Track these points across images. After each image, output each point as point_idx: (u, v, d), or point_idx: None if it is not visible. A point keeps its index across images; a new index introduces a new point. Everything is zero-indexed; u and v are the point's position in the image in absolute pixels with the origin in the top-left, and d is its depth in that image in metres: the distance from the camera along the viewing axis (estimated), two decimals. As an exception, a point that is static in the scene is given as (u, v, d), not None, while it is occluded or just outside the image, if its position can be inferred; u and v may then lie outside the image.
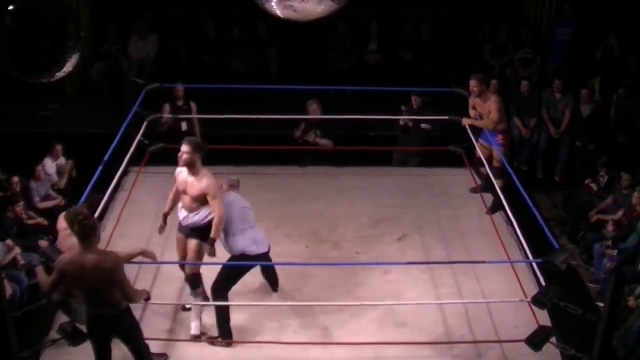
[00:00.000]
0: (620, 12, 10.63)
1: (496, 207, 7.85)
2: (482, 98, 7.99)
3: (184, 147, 5.94)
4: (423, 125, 8.97)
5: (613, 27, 10.66)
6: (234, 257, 6.09)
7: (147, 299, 5.42)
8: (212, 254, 6.01)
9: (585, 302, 6.93)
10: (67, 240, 5.48)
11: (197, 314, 6.16)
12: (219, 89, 9.46)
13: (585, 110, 9.52)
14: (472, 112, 8.20)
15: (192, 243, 6.05)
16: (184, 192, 6.06)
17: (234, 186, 6.32)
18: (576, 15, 10.79)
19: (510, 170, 7.36)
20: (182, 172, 6.09)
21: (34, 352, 5.71)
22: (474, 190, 8.37)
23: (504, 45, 11.01)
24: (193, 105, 9.09)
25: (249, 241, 6.05)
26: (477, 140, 8.20)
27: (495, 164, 8.03)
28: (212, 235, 5.91)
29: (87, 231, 4.96)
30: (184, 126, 9.09)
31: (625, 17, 10.64)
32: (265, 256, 6.18)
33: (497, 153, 7.93)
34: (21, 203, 7.76)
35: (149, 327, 6.01)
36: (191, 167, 5.96)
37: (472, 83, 7.98)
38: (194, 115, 9.08)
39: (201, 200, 5.96)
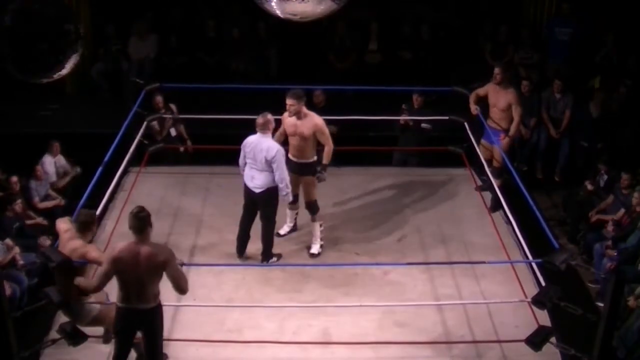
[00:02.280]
0: (620, 12, 10.63)
1: (496, 205, 7.85)
2: (502, 86, 7.93)
3: (290, 101, 6.88)
4: (423, 125, 8.96)
5: (613, 27, 10.66)
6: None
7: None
8: (324, 179, 7.13)
9: (585, 302, 6.94)
10: (70, 242, 5.49)
11: (317, 235, 7.27)
12: (219, 89, 9.46)
13: (596, 111, 9.51)
14: (473, 107, 8.13)
15: (308, 178, 7.14)
16: (294, 134, 7.03)
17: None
18: (575, 15, 10.79)
19: (512, 169, 7.35)
20: (288, 117, 7.04)
21: (34, 352, 5.71)
22: (478, 189, 8.37)
23: (504, 45, 11.01)
24: (174, 107, 9.08)
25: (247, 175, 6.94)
26: (479, 142, 8.16)
27: (495, 164, 8.01)
28: (324, 161, 7.06)
29: (143, 223, 5.12)
30: (173, 132, 9.12)
31: (625, 17, 10.63)
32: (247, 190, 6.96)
33: (498, 151, 7.88)
34: (19, 201, 7.75)
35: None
36: (298, 114, 6.92)
37: (497, 70, 7.95)
38: (181, 116, 9.12)
39: (312, 139, 7.01)
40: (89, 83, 11.17)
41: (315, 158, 7.15)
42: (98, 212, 6.60)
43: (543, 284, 5.86)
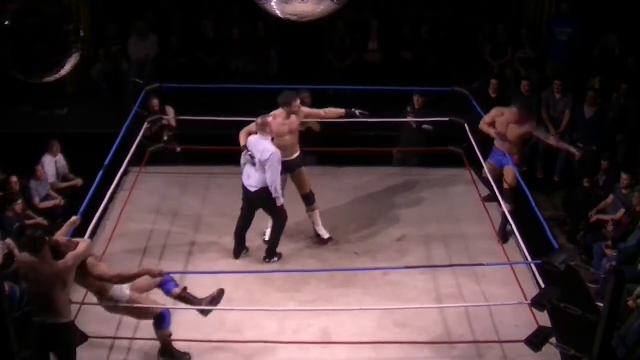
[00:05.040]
0: (619, 12, 10.63)
1: (505, 234, 7.49)
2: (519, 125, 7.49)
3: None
4: (425, 127, 8.95)
5: (613, 27, 10.66)
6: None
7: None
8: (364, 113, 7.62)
9: (585, 302, 6.94)
10: (97, 268, 5.57)
11: (319, 221, 7.52)
12: (219, 89, 9.46)
13: (589, 112, 9.50)
14: (492, 131, 7.65)
15: (296, 172, 7.30)
16: (284, 133, 7.11)
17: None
18: (575, 15, 10.79)
19: (521, 181, 7.19)
20: (277, 118, 7.09)
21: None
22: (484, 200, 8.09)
23: (504, 45, 11.01)
24: (169, 110, 9.06)
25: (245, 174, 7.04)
26: (485, 160, 7.81)
27: (506, 185, 7.54)
28: (347, 110, 7.56)
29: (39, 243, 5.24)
30: (165, 135, 9.04)
31: (625, 17, 10.63)
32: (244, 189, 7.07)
33: (513, 172, 7.44)
34: (19, 201, 7.75)
35: (148, 328, 6.02)
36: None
37: (516, 112, 7.45)
38: (176, 118, 9.09)
39: (297, 130, 7.24)
40: (89, 83, 11.16)
41: (299, 152, 7.28)
42: (99, 212, 6.62)
43: (543, 284, 5.85)
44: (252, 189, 6.96)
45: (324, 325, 6.31)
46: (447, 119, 8.62)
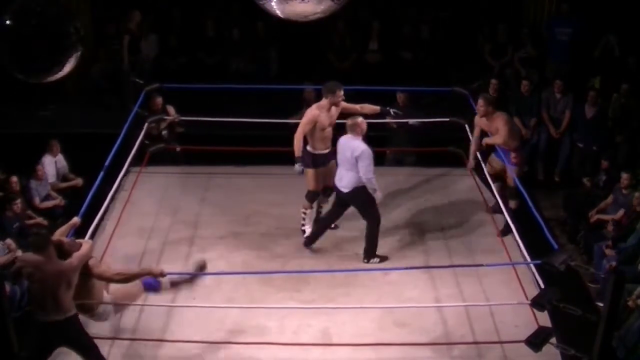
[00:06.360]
0: (619, 12, 10.63)
1: (507, 230, 7.46)
2: (488, 118, 7.66)
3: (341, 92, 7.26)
4: (411, 122, 8.81)
5: (612, 27, 10.66)
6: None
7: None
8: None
9: (585, 302, 6.94)
10: (98, 267, 5.58)
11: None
12: (219, 89, 9.46)
13: (589, 112, 9.50)
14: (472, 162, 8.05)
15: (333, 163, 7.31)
16: (331, 124, 7.22)
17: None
18: (575, 15, 10.79)
19: (523, 191, 7.24)
20: (322, 110, 7.20)
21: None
22: (489, 211, 8.12)
23: (504, 45, 11.01)
24: (170, 109, 9.05)
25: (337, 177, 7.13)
26: (486, 159, 7.95)
27: (509, 182, 7.68)
28: (383, 108, 7.75)
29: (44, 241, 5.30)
30: (165, 135, 9.02)
31: (625, 17, 10.63)
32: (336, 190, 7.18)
33: (510, 173, 7.61)
34: (19, 201, 7.75)
35: (146, 328, 6.02)
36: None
37: (479, 103, 7.67)
38: (179, 118, 9.05)
39: None
40: (89, 83, 11.16)
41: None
42: (100, 213, 6.64)
43: (543, 284, 5.86)
44: (345, 190, 7.05)
45: (324, 325, 6.31)
46: (447, 119, 8.62)
